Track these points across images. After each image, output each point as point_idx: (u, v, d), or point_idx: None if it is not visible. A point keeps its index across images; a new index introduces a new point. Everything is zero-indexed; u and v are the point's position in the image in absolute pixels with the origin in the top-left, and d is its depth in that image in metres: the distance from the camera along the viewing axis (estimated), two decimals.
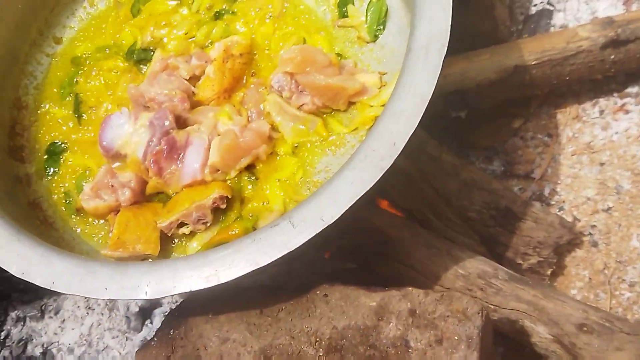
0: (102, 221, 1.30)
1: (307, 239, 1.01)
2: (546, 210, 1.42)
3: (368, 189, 1.02)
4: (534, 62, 1.45)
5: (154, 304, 1.51)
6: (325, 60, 1.28)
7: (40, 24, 1.45)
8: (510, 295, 1.27)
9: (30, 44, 1.44)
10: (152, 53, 1.40)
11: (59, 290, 1.07)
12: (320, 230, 1.01)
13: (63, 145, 1.38)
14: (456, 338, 1.06)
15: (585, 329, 1.22)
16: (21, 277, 1.09)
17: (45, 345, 1.58)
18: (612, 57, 1.46)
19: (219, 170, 1.26)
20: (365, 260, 1.35)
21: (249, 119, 1.30)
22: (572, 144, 1.54)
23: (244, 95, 1.34)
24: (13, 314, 1.61)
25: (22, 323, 1.61)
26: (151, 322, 1.51)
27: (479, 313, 1.09)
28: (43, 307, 1.61)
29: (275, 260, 1.01)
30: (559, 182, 1.51)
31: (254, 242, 1.03)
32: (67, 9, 1.48)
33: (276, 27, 1.37)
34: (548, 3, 1.64)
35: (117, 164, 1.31)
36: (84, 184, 1.32)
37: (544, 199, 1.50)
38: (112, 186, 1.27)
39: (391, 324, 1.08)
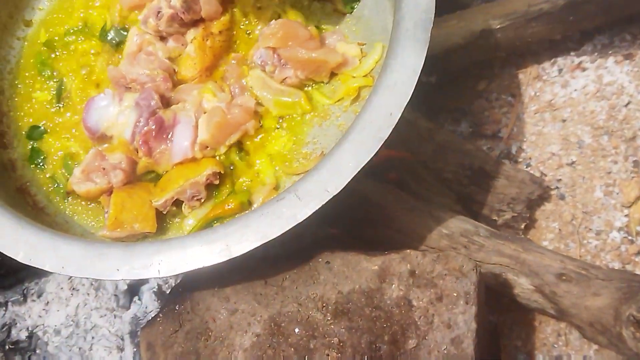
0: (92, 204, 1.31)
1: (313, 211, 1.05)
2: (516, 168, 1.50)
3: (369, 159, 1.07)
4: (498, 26, 1.52)
5: (141, 281, 1.53)
6: (306, 34, 1.31)
7: (10, 8, 1.43)
8: (492, 250, 1.34)
9: (1, 28, 1.42)
10: (125, 33, 1.40)
11: (69, 274, 1.09)
12: (326, 201, 1.05)
13: (43, 128, 1.37)
14: (455, 294, 1.13)
15: (564, 277, 1.30)
16: (28, 264, 1.10)
17: (30, 329, 1.58)
18: (571, 18, 1.53)
19: (208, 147, 1.29)
20: (352, 226, 1.40)
21: (232, 94, 1.33)
22: (534, 102, 1.62)
23: (224, 72, 1.35)
24: None
25: (4, 308, 1.60)
26: (139, 299, 1.53)
27: (473, 270, 1.15)
28: (25, 290, 1.61)
29: (284, 232, 1.05)
30: (524, 140, 1.59)
31: (262, 216, 1.07)
32: None
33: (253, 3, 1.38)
34: None
35: (104, 146, 1.32)
36: (74, 166, 1.32)
37: (512, 156, 1.58)
38: (104, 169, 1.28)
39: (393, 285, 1.14)
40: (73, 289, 1.59)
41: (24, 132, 1.37)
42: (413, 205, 1.37)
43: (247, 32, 1.38)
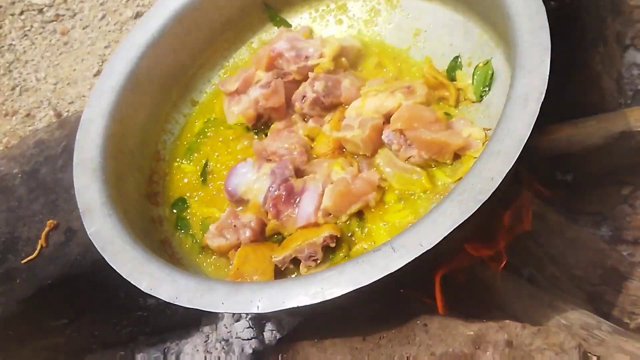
0: (222, 258, 1.42)
1: (406, 262, 1.08)
2: None
3: (465, 218, 1.09)
4: (639, 128, 1.50)
5: (268, 346, 1.59)
6: (432, 117, 1.38)
7: (181, 88, 1.64)
8: (614, 346, 1.27)
9: (172, 105, 1.63)
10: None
11: (181, 304, 1.19)
12: (419, 254, 1.08)
13: (187, 201, 1.53)
14: None
15: None
16: (149, 292, 1.21)
17: None
18: None
19: (330, 214, 1.36)
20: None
21: (359, 169, 1.41)
22: None
23: None
24: (139, 356, 1.74)
25: None
26: None
27: (575, 348, 1.11)
28: (166, 350, 1.73)
29: (375, 281, 1.09)
30: None
31: (357, 265, 1.11)
32: (204, 77, 1.67)
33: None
34: None
35: (239, 208, 1.44)
36: (210, 226, 1.45)
37: None
38: (235, 226, 1.40)
39: (488, 352, 1.12)
40: (207, 351, 1.69)
41: (175, 195, 1.54)
42: (531, 293, 1.35)
43: None
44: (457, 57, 1.47)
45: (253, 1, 1.64)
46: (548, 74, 1.17)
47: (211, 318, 1.72)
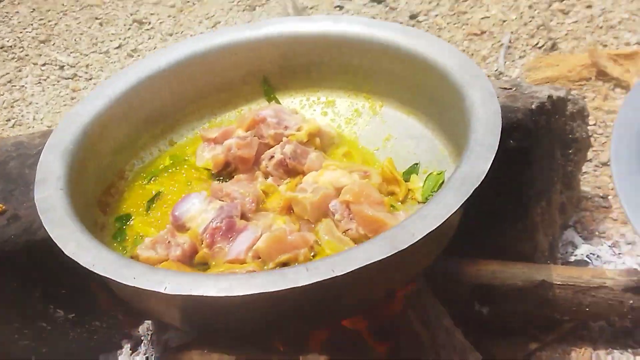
0: None
1: (314, 281, 1.15)
2: None
3: (379, 259, 1.17)
4: (559, 282, 1.61)
5: None
6: (379, 199, 1.49)
7: (165, 126, 1.77)
8: None
9: (152, 137, 1.75)
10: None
11: (96, 271, 1.23)
12: (328, 278, 1.15)
13: (132, 218, 1.61)
14: None
15: None
16: (70, 256, 1.27)
17: None
18: (631, 302, 1.59)
19: (260, 257, 1.43)
20: None
21: (300, 229, 1.50)
22: None
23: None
24: None
25: None
26: None
27: None
28: None
29: (279, 290, 1.15)
30: None
31: (269, 274, 1.20)
32: (190, 124, 1.79)
33: None
34: (587, 257, 1.83)
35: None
36: (145, 239, 1.51)
37: None
38: (169, 242, 1.46)
39: None
40: None
41: (121, 211, 1.61)
42: None
43: None
44: (416, 164, 1.60)
45: (255, 74, 1.80)
46: (488, 169, 1.29)
47: (109, 355, 1.73)
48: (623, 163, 1.25)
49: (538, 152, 1.68)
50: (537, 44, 2.64)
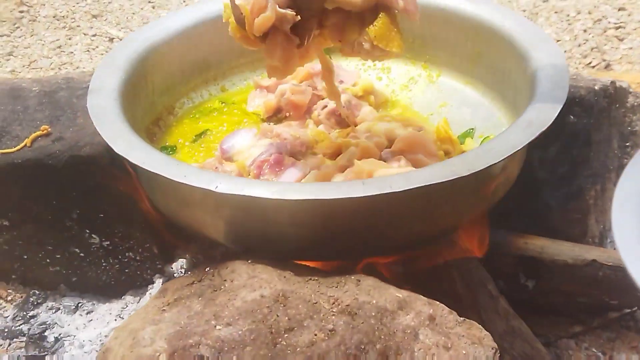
0: None
1: (369, 194, 1.11)
2: None
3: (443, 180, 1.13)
4: (610, 263, 1.54)
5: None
6: (434, 151, 1.44)
7: (219, 72, 1.75)
8: None
9: (204, 81, 1.73)
10: None
11: (145, 167, 1.20)
12: (385, 192, 1.11)
13: (177, 148, 1.59)
14: (464, 352, 1.07)
15: None
16: (120, 153, 1.25)
17: (61, 335, 1.61)
18: None
19: None
20: None
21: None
22: None
23: None
24: (50, 304, 1.68)
25: (53, 311, 1.67)
26: None
27: (493, 349, 1.09)
28: (79, 304, 1.67)
29: (331, 199, 1.11)
30: None
31: (321, 185, 1.18)
32: (244, 74, 1.77)
33: None
34: None
35: None
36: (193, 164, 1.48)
37: None
38: (216, 168, 1.43)
39: (408, 315, 1.10)
40: (119, 316, 1.63)
41: (162, 145, 1.59)
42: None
43: None
44: (472, 129, 1.57)
45: None
46: (554, 118, 1.25)
47: (139, 291, 1.67)
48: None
49: (596, 135, 1.64)
50: (590, 63, 2.61)
